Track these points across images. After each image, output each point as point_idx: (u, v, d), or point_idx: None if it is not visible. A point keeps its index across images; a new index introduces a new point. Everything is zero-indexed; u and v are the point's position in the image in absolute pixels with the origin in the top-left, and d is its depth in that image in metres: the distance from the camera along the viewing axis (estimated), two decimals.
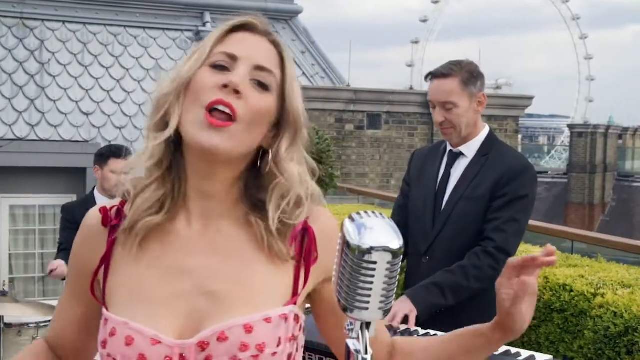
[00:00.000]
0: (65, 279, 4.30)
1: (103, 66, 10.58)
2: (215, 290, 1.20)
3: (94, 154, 4.83)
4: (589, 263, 3.58)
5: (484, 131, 2.95)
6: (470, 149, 2.92)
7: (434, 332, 2.61)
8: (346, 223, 0.96)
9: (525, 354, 2.48)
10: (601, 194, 26.84)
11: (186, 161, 1.24)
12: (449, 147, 2.98)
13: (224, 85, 1.19)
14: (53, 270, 4.08)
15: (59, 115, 10.12)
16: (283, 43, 1.31)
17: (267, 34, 1.30)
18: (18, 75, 10.17)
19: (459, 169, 2.93)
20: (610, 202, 27.37)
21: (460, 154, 2.94)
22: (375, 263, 0.94)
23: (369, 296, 0.95)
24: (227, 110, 1.18)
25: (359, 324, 0.97)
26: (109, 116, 10.30)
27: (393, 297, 0.98)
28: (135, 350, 1.16)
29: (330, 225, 1.27)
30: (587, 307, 3.01)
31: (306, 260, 1.25)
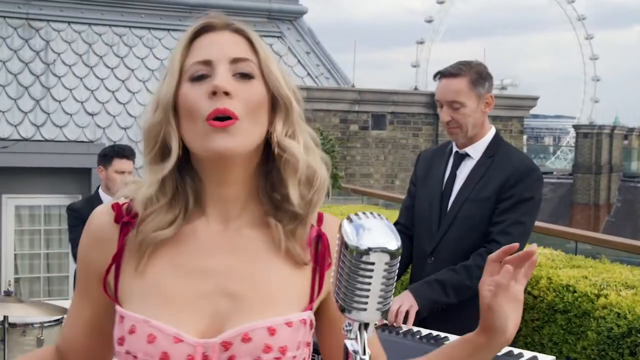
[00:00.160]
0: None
1: (108, 67, 10.61)
2: (236, 291, 1.21)
3: (98, 154, 4.85)
4: (593, 264, 3.58)
5: (490, 132, 2.94)
6: (476, 150, 2.92)
7: (436, 333, 2.61)
8: (344, 224, 0.97)
9: (527, 354, 2.48)
10: (607, 194, 26.76)
11: (200, 171, 1.25)
12: (454, 148, 2.98)
13: (213, 93, 1.19)
14: None
15: (64, 115, 10.15)
16: (246, 27, 1.30)
17: (227, 25, 1.29)
18: (23, 76, 10.20)
19: (464, 170, 2.93)
20: (616, 203, 27.30)
21: (466, 155, 2.94)
22: (373, 264, 0.94)
23: (367, 297, 0.95)
24: (228, 117, 1.18)
25: (357, 325, 0.98)
26: (114, 117, 10.32)
27: (391, 298, 0.98)
28: (157, 348, 1.16)
29: None
30: (591, 308, 3.01)
31: (320, 266, 1.26)
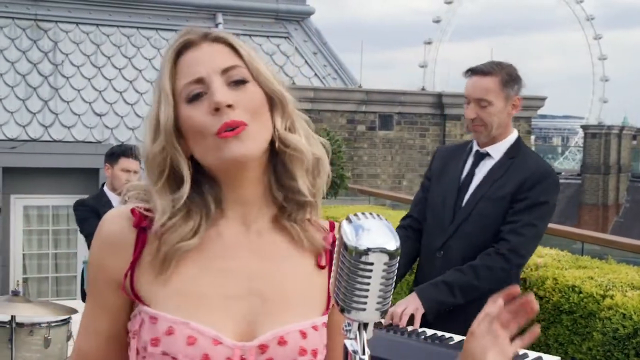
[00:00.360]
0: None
1: (116, 67, 10.65)
2: (263, 293, 1.23)
3: (105, 153, 4.87)
4: (599, 264, 3.57)
5: (513, 135, 2.96)
6: (497, 150, 2.93)
7: (441, 333, 2.61)
8: (344, 224, 0.97)
9: (532, 355, 2.48)
10: (615, 195, 26.69)
11: (216, 177, 1.26)
12: (475, 147, 2.98)
13: (216, 109, 1.21)
14: None
15: (72, 116, 10.19)
16: (223, 32, 1.31)
17: (205, 37, 1.29)
18: (32, 77, 10.25)
19: (483, 169, 2.94)
20: (624, 204, 27.22)
21: (487, 155, 2.94)
22: (372, 264, 0.95)
23: (366, 297, 0.96)
24: (235, 127, 1.20)
25: (356, 325, 0.98)
26: (121, 117, 10.36)
27: (390, 298, 0.99)
28: (198, 350, 1.17)
29: None
30: (596, 309, 3.00)
31: None
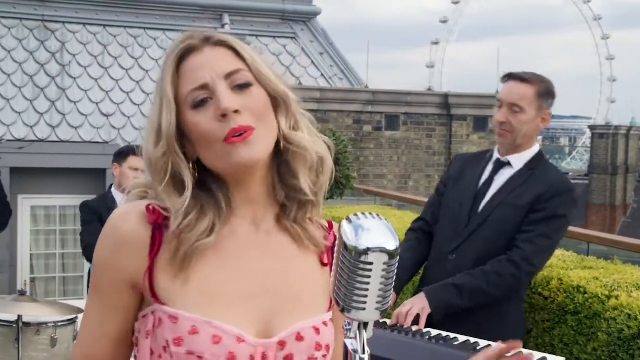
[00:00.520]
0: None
1: (123, 68, 10.68)
2: (276, 292, 1.25)
3: (113, 153, 4.89)
4: (605, 265, 3.56)
5: (535, 147, 2.98)
6: (518, 160, 2.94)
7: (445, 334, 2.61)
8: (344, 224, 0.98)
9: (537, 355, 2.48)
10: (623, 195, 26.62)
11: (224, 180, 1.27)
12: (496, 155, 2.99)
13: (222, 116, 1.21)
14: None
15: (79, 116, 10.22)
16: (224, 35, 1.30)
17: (206, 41, 1.29)
18: (39, 77, 10.29)
19: (502, 177, 2.94)
20: (632, 204, 27.14)
21: (507, 164, 2.95)
22: (372, 264, 0.95)
23: (366, 296, 0.97)
24: (243, 132, 1.21)
25: (356, 324, 0.99)
26: (128, 117, 10.39)
27: (390, 298, 1.00)
28: (224, 348, 1.18)
29: None
30: (601, 309, 3.00)
31: None
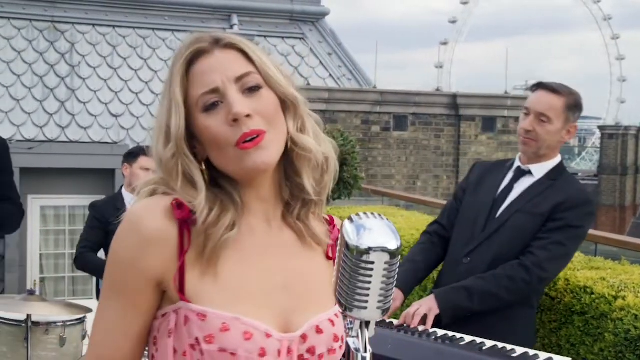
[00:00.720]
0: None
1: (132, 68, 10.71)
2: (291, 287, 1.28)
3: (122, 155, 4.92)
4: (612, 266, 3.55)
5: (557, 158, 2.99)
6: (539, 170, 2.94)
7: (452, 334, 2.61)
8: (346, 224, 0.99)
9: (543, 356, 2.48)
10: (632, 196, 26.50)
11: (238, 182, 1.28)
12: (517, 163, 3.00)
13: (234, 120, 1.22)
14: None
15: (88, 117, 10.26)
16: (234, 37, 1.30)
17: (216, 43, 1.29)
18: (49, 78, 10.34)
19: (522, 185, 2.95)
20: None
21: (528, 172, 2.96)
22: (373, 263, 0.97)
23: (368, 295, 0.98)
24: (255, 136, 1.22)
25: (358, 323, 1.00)
26: (137, 118, 10.42)
27: (392, 297, 1.01)
28: (255, 344, 1.20)
29: None
30: (608, 310, 2.99)
31: None
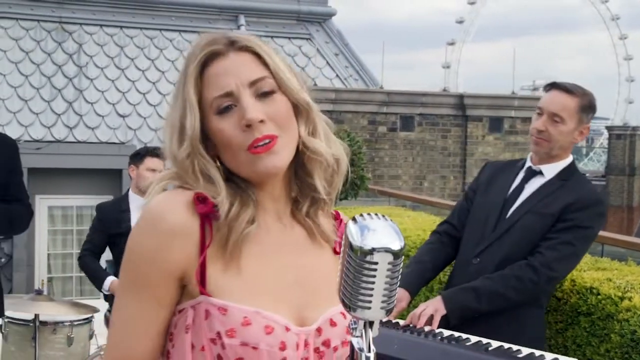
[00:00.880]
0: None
1: (139, 69, 10.75)
2: (303, 281, 1.30)
3: (129, 155, 4.93)
4: (618, 266, 3.54)
5: (569, 159, 2.97)
6: (550, 170, 2.92)
7: (457, 334, 2.61)
8: (350, 225, 1.00)
9: (549, 356, 2.48)
10: None
11: (252, 182, 1.29)
12: (528, 164, 2.98)
13: (247, 126, 1.24)
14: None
15: (96, 117, 10.31)
16: (249, 39, 1.31)
17: (231, 45, 1.29)
18: (57, 79, 10.38)
19: (533, 185, 2.93)
20: None
21: (539, 173, 2.94)
22: (377, 264, 0.97)
23: (371, 296, 0.99)
24: (267, 141, 1.24)
25: (362, 323, 1.01)
26: (144, 118, 10.46)
27: (395, 297, 1.02)
28: (276, 338, 1.21)
29: None
30: (614, 311, 2.99)
31: None
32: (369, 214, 1.00)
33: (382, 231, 0.99)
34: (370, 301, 0.99)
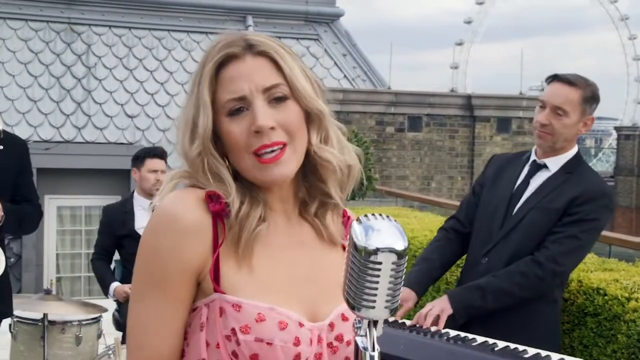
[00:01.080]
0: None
1: (147, 70, 10.78)
2: (313, 278, 1.31)
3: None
4: (625, 267, 3.54)
5: (573, 150, 2.94)
6: (555, 163, 2.91)
7: (464, 334, 2.62)
8: (354, 225, 1.01)
9: (555, 357, 2.48)
10: None
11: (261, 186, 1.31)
12: (532, 157, 2.97)
13: (257, 132, 1.25)
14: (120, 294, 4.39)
15: (104, 118, 10.34)
16: (266, 44, 1.31)
17: (248, 49, 1.30)
18: (66, 79, 10.42)
19: (538, 180, 2.92)
20: None
21: (544, 166, 2.93)
22: (381, 264, 0.98)
23: (375, 295, 1.00)
24: (275, 147, 1.25)
25: (366, 322, 1.02)
26: (153, 119, 10.49)
27: (399, 296, 1.03)
28: (290, 334, 1.23)
29: None
30: (621, 311, 2.99)
31: None
32: (373, 215, 1.01)
33: (386, 231, 1.00)
34: (374, 301, 1.00)
